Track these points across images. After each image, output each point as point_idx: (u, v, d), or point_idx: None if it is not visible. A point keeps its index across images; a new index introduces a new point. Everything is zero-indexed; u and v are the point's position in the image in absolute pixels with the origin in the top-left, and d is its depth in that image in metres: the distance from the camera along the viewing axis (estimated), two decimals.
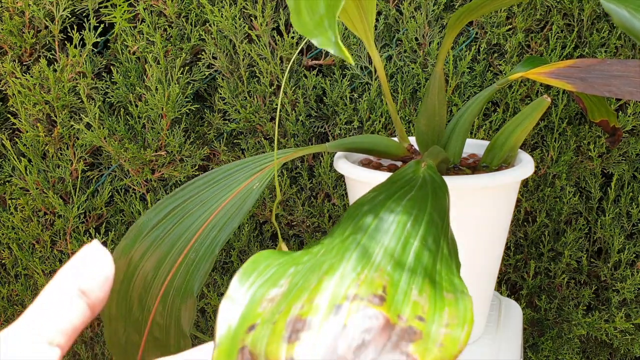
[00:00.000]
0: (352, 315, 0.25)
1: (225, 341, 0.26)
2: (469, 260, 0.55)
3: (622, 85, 0.51)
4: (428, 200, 0.33)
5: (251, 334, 0.26)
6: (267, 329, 0.26)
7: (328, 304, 0.25)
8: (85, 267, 0.25)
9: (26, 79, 0.77)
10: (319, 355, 0.23)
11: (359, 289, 0.26)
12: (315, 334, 0.24)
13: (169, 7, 0.75)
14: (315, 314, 0.25)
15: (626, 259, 0.74)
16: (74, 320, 0.24)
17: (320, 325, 0.24)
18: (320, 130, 0.79)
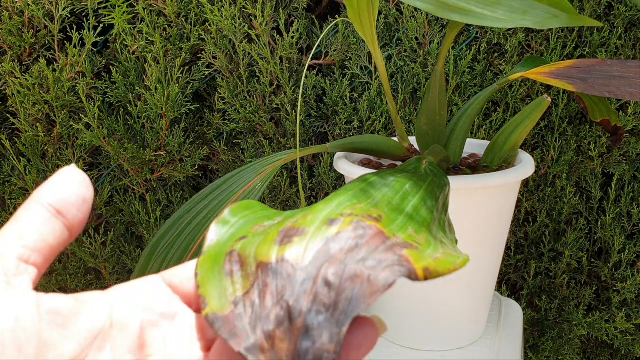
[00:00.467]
0: (346, 226, 0.24)
1: (212, 249, 0.26)
2: (470, 261, 0.55)
3: (622, 85, 0.51)
4: (429, 178, 0.33)
5: (241, 242, 0.26)
6: (258, 238, 0.25)
7: (322, 219, 0.25)
8: (61, 187, 0.24)
9: (25, 78, 0.76)
10: (309, 256, 0.23)
11: (354, 210, 0.26)
12: (307, 238, 0.24)
13: (169, 6, 0.75)
14: (309, 225, 0.25)
15: (627, 259, 0.74)
16: (49, 239, 0.23)
17: (314, 232, 0.24)
18: (320, 130, 0.79)
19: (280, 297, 0.23)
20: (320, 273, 0.23)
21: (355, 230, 0.24)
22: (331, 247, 0.24)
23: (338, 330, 0.21)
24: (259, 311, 0.23)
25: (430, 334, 0.58)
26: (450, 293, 0.56)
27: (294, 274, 0.23)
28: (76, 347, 0.22)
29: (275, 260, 0.23)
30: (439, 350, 0.58)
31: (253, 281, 0.23)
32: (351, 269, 0.22)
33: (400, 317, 0.58)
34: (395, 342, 0.59)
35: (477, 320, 0.59)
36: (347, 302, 0.22)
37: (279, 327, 0.22)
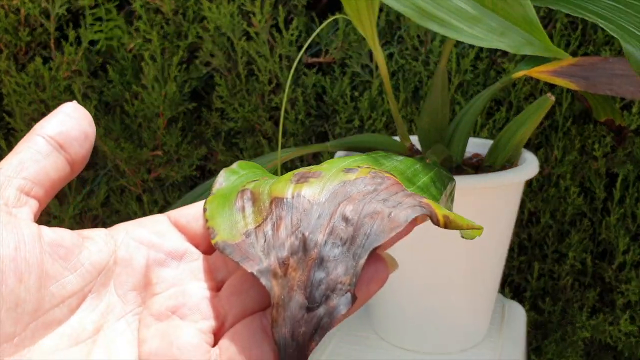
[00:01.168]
0: (364, 174, 0.24)
1: (222, 190, 0.26)
2: (472, 262, 0.54)
3: (623, 84, 0.50)
4: (435, 168, 0.32)
5: (253, 183, 0.25)
6: (271, 180, 0.25)
7: (339, 167, 0.24)
8: (63, 121, 0.23)
9: (21, 77, 0.75)
10: (326, 194, 0.23)
11: (371, 166, 0.25)
12: (324, 180, 0.23)
13: (166, 4, 0.74)
14: (326, 170, 0.24)
15: (631, 260, 0.73)
16: (50, 172, 0.22)
17: (331, 176, 0.24)
18: (320, 130, 0.78)
19: (295, 228, 0.22)
20: (337, 209, 0.22)
21: (374, 178, 0.23)
22: (348, 189, 0.23)
23: (354, 263, 0.21)
24: (272, 241, 0.22)
25: (432, 336, 0.57)
26: (453, 295, 0.55)
27: (310, 208, 0.22)
28: (79, 281, 0.21)
29: (290, 196, 0.23)
30: (441, 353, 0.57)
31: (266, 215, 0.23)
32: (371, 206, 0.22)
33: (402, 319, 0.57)
34: (397, 344, 0.58)
35: (480, 322, 0.58)
36: (365, 237, 0.21)
37: (292, 255, 0.21)
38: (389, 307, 0.58)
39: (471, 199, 0.50)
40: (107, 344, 0.21)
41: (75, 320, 0.21)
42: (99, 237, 0.23)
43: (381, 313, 0.59)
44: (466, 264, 0.54)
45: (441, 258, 0.53)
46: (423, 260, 0.54)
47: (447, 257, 0.53)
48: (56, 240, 0.21)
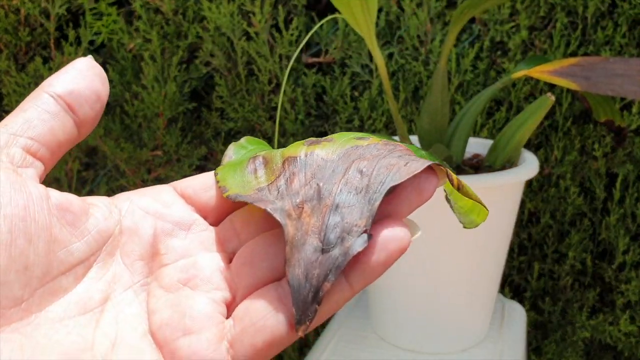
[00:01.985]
0: (376, 141, 0.23)
1: (233, 161, 0.26)
2: (472, 262, 0.54)
3: (624, 84, 0.50)
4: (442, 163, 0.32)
5: (264, 151, 0.25)
6: (282, 149, 0.25)
7: (351, 136, 0.24)
8: (74, 78, 0.22)
9: (21, 77, 0.75)
10: (339, 154, 0.22)
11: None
12: (337, 144, 0.23)
13: (166, 3, 0.74)
14: (338, 137, 0.24)
15: (631, 260, 0.73)
16: (57, 133, 0.21)
17: (343, 141, 0.24)
18: (320, 130, 0.78)
19: (309, 180, 0.22)
20: (352, 165, 0.22)
21: (386, 145, 0.23)
22: (361, 151, 0.23)
23: (369, 207, 0.20)
24: (286, 191, 0.22)
25: (432, 336, 0.57)
26: (453, 295, 0.55)
27: (324, 165, 0.22)
28: (86, 249, 0.20)
29: (304, 155, 0.23)
30: (441, 353, 0.57)
31: (279, 174, 0.22)
32: (386, 160, 0.21)
33: (402, 319, 0.57)
34: (398, 344, 0.58)
35: (480, 322, 0.58)
36: (380, 184, 0.21)
37: (307, 202, 0.21)
38: (389, 307, 0.58)
39: None
40: (115, 314, 0.20)
41: (81, 288, 0.20)
42: (104, 205, 0.22)
43: (381, 313, 0.59)
44: (466, 264, 0.54)
45: (441, 258, 0.53)
46: (423, 260, 0.53)
47: (447, 257, 0.53)
48: (64, 204, 0.20)
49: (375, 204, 0.20)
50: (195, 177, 0.24)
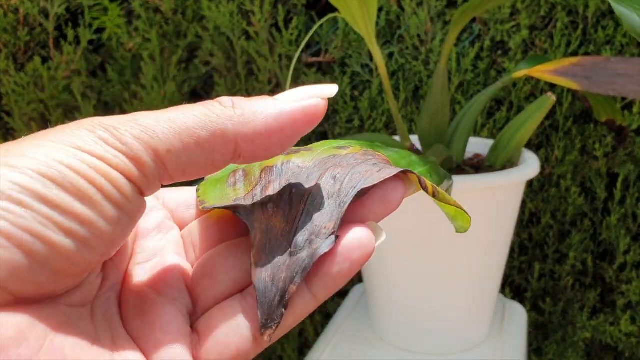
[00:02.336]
0: (356, 150, 0.24)
1: (214, 177, 0.26)
2: (473, 262, 0.54)
3: (626, 84, 0.50)
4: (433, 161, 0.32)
5: (244, 166, 0.25)
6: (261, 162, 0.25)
7: (331, 145, 0.24)
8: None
9: (20, 77, 0.75)
10: (315, 162, 0.23)
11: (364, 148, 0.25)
12: (315, 152, 0.24)
13: (165, 3, 0.74)
14: (317, 147, 0.24)
15: (632, 260, 0.73)
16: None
17: (322, 150, 0.24)
18: (320, 130, 0.78)
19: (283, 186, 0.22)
20: (326, 172, 0.22)
21: (365, 154, 0.23)
22: (339, 160, 0.23)
23: (339, 210, 0.20)
24: (259, 197, 0.22)
25: (432, 337, 0.57)
26: (453, 295, 0.55)
27: (300, 172, 0.22)
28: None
29: (280, 163, 0.23)
30: (442, 353, 0.57)
31: (256, 183, 0.23)
32: (360, 167, 0.22)
33: (403, 320, 0.57)
34: (397, 344, 0.58)
35: (481, 323, 0.58)
36: (352, 188, 0.21)
37: (278, 207, 0.21)
38: (389, 307, 0.58)
39: (472, 199, 0.50)
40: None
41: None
42: None
43: (381, 313, 0.59)
44: (467, 265, 0.54)
45: (441, 258, 0.53)
46: (423, 260, 0.53)
47: (448, 258, 0.53)
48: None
49: (344, 207, 0.20)
50: (179, 190, 0.25)
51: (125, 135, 0.18)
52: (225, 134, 0.19)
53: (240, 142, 0.19)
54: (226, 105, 0.19)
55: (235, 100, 0.20)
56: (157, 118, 0.18)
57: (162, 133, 0.18)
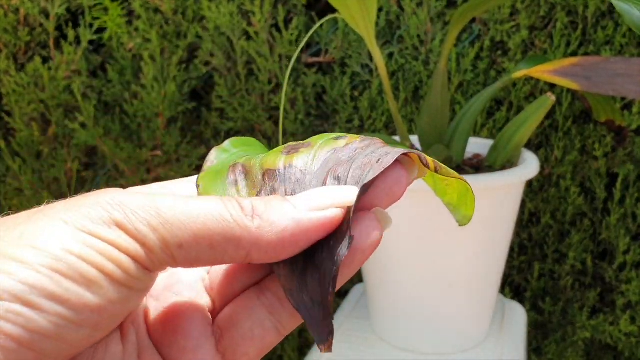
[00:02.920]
0: (355, 139, 0.23)
1: (214, 167, 0.26)
2: (473, 262, 0.54)
3: (626, 84, 0.50)
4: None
5: (244, 158, 0.25)
6: (262, 154, 0.25)
7: (329, 137, 0.24)
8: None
9: (21, 77, 0.75)
10: (318, 163, 0.22)
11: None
12: (315, 148, 0.23)
13: (165, 3, 0.74)
14: (316, 140, 0.24)
15: (631, 260, 0.73)
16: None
17: (322, 144, 0.24)
18: (320, 130, 0.78)
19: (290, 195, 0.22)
20: (329, 174, 0.22)
21: (363, 141, 0.23)
22: (339, 155, 0.23)
23: (348, 215, 0.20)
24: None
25: (433, 337, 0.57)
26: (453, 295, 0.55)
27: (303, 178, 0.22)
28: None
29: (282, 167, 0.23)
30: (441, 353, 0.57)
31: (260, 188, 0.23)
32: (359, 160, 0.22)
33: (403, 320, 0.57)
34: (397, 344, 0.58)
35: (481, 322, 0.58)
36: (354, 182, 0.21)
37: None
38: (389, 307, 0.58)
39: None
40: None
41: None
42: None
43: (381, 313, 0.59)
44: (466, 264, 0.54)
45: (441, 258, 0.53)
46: (423, 260, 0.53)
47: (448, 258, 0.53)
48: None
49: (351, 211, 0.20)
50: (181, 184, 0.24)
51: (142, 223, 0.18)
52: (239, 243, 0.19)
53: (252, 251, 0.19)
54: (246, 212, 0.19)
55: (255, 205, 0.20)
56: (176, 209, 0.19)
57: (178, 229, 0.18)
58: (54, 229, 0.18)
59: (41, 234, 0.17)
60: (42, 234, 0.17)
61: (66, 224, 0.18)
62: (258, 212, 0.19)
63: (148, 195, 0.19)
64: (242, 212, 0.19)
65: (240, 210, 0.19)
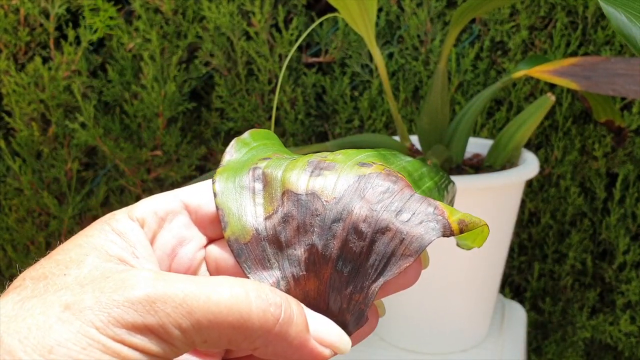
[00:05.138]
0: (379, 170, 0.23)
1: (234, 163, 0.25)
2: (472, 262, 0.54)
3: (626, 84, 0.50)
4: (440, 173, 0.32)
5: (265, 162, 0.25)
6: (284, 161, 0.24)
7: (354, 160, 0.24)
8: None
9: (21, 77, 0.75)
10: (340, 192, 0.22)
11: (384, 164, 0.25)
12: (339, 173, 0.23)
13: (165, 3, 0.74)
14: (340, 162, 0.24)
15: (631, 260, 0.73)
16: None
17: (346, 169, 0.23)
18: (320, 130, 0.78)
19: (308, 234, 0.22)
20: (351, 218, 0.22)
21: (388, 176, 0.23)
22: (362, 185, 0.22)
23: (368, 284, 0.21)
24: (285, 247, 0.22)
25: (433, 337, 0.57)
26: (453, 295, 0.55)
27: (324, 213, 0.22)
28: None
29: (304, 192, 0.22)
30: (441, 353, 0.57)
31: (277, 207, 0.23)
32: (384, 219, 0.22)
33: (403, 320, 0.57)
34: (398, 344, 0.58)
35: (480, 322, 0.58)
36: (377, 257, 0.21)
37: (308, 271, 0.22)
38: (389, 307, 0.58)
39: (471, 199, 0.50)
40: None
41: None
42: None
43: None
44: (466, 264, 0.54)
45: (441, 258, 0.53)
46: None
47: (448, 258, 0.53)
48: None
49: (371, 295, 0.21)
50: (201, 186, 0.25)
51: (173, 325, 0.18)
52: (254, 342, 0.20)
53: (261, 347, 0.20)
54: (274, 316, 0.20)
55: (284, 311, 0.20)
56: (207, 307, 0.19)
57: (206, 328, 0.19)
58: (83, 339, 0.17)
59: (72, 346, 0.17)
60: (72, 347, 0.17)
61: (98, 330, 0.18)
62: (282, 321, 0.20)
63: (180, 291, 0.19)
64: (271, 316, 0.20)
65: (270, 315, 0.20)
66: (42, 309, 0.18)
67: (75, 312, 0.18)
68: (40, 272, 0.20)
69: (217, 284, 0.19)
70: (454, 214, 0.22)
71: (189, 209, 0.24)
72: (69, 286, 0.19)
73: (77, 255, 0.20)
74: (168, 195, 0.24)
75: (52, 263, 0.20)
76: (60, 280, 0.19)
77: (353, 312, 0.21)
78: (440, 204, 0.22)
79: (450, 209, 0.22)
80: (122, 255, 0.21)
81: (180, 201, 0.24)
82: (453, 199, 0.32)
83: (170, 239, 0.23)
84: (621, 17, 0.36)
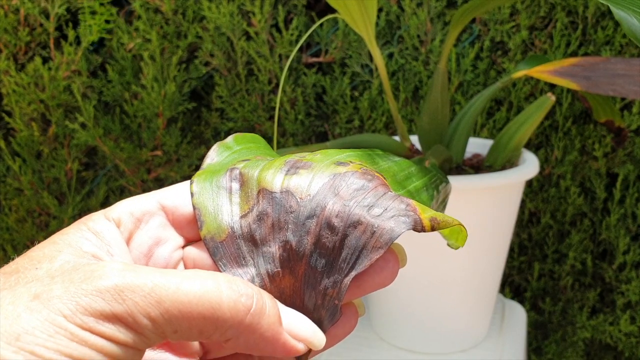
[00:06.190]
0: (355, 169, 0.24)
1: (212, 166, 0.26)
2: (472, 262, 0.54)
3: (626, 84, 0.50)
4: (432, 172, 0.32)
5: (243, 163, 0.25)
6: (262, 162, 0.25)
7: (331, 160, 0.24)
8: None
9: (21, 77, 0.75)
10: (314, 190, 0.23)
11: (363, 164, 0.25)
12: (314, 172, 0.23)
13: (165, 3, 0.74)
14: (317, 162, 0.24)
15: (631, 260, 0.73)
16: None
17: (322, 167, 0.24)
18: (320, 130, 0.78)
19: (282, 231, 0.22)
20: (324, 213, 0.22)
21: (364, 175, 0.23)
22: (337, 182, 0.23)
23: (341, 278, 0.21)
24: (260, 245, 0.22)
25: (433, 337, 0.57)
26: (453, 295, 0.55)
27: (298, 210, 0.22)
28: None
29: (279, 190, 0.23)
30: (441, 353, 0.57)
31: (252, 205, 0.23)
32: (355, 214, 0.22)
33: (403, 320, 0.57)
34: (397, 344, 0.58)
35: (480, 322, 0.58)
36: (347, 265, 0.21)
37: (282, 268, 0.22)
38: (389, 307, 0.58)
39: (471, 199, 0.50)
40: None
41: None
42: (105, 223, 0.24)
43: (381, 313, 0.59)
44: (466, 264, 0.54)
45: (441, 258, 0.53)
46: (423, 260, 0.53)
47: (447, 258, 0.53)
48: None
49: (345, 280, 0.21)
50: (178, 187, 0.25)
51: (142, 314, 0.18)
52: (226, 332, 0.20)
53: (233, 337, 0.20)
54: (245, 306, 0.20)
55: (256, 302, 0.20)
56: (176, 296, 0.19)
57: (176, 318, 0.19)
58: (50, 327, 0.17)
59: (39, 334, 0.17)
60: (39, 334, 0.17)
61: (66, 319, 0.18)
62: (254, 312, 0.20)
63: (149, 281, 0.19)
64: (242, 306, 0.20)
65: (241, 305, 0.20)
66: (11, 299, 0.18)
67: (44, 301, 0.18)
68: (13, 268, 0.20)
69: (187, 276, 0.20)
70: (426, 211, 0.22)
71: (166, 210, 0.24)
72: (40, 278, 0.19)
73: (50, 252, 0.21)
74: (146, 197, 0.24)
75: (26, 259, 0.21)
76: (32, 273, 0.20)
77: (327, 308, 0.21)
78: (413, 202, 0.22)
79: (422, 207, 0.23)
80: (97, 253, 0.21)
81: (157, 202, 0.24)
82: (446, 198, 0.32)
83: (146, 239, 0.24)
84: (633, 20, 0.36)
